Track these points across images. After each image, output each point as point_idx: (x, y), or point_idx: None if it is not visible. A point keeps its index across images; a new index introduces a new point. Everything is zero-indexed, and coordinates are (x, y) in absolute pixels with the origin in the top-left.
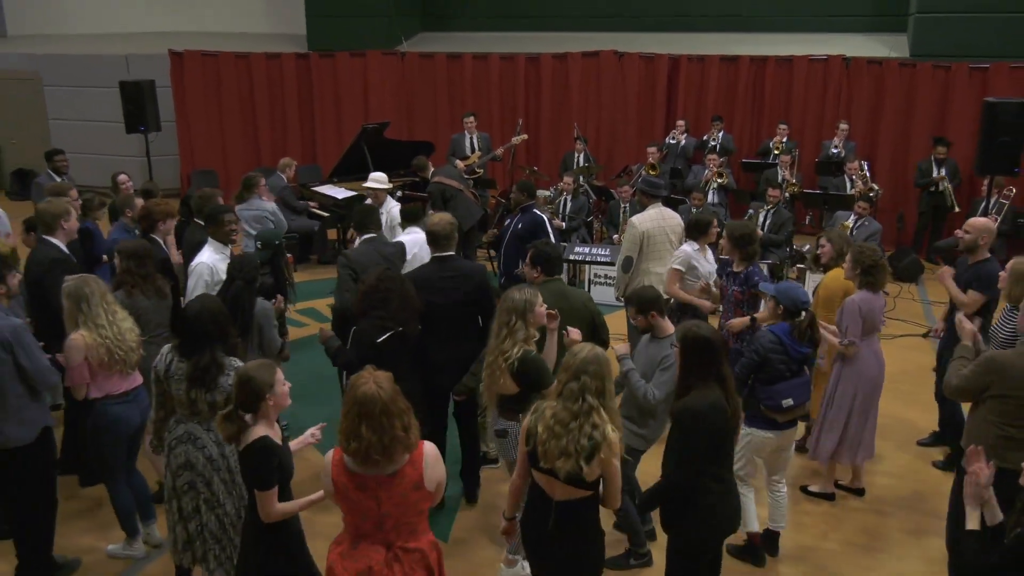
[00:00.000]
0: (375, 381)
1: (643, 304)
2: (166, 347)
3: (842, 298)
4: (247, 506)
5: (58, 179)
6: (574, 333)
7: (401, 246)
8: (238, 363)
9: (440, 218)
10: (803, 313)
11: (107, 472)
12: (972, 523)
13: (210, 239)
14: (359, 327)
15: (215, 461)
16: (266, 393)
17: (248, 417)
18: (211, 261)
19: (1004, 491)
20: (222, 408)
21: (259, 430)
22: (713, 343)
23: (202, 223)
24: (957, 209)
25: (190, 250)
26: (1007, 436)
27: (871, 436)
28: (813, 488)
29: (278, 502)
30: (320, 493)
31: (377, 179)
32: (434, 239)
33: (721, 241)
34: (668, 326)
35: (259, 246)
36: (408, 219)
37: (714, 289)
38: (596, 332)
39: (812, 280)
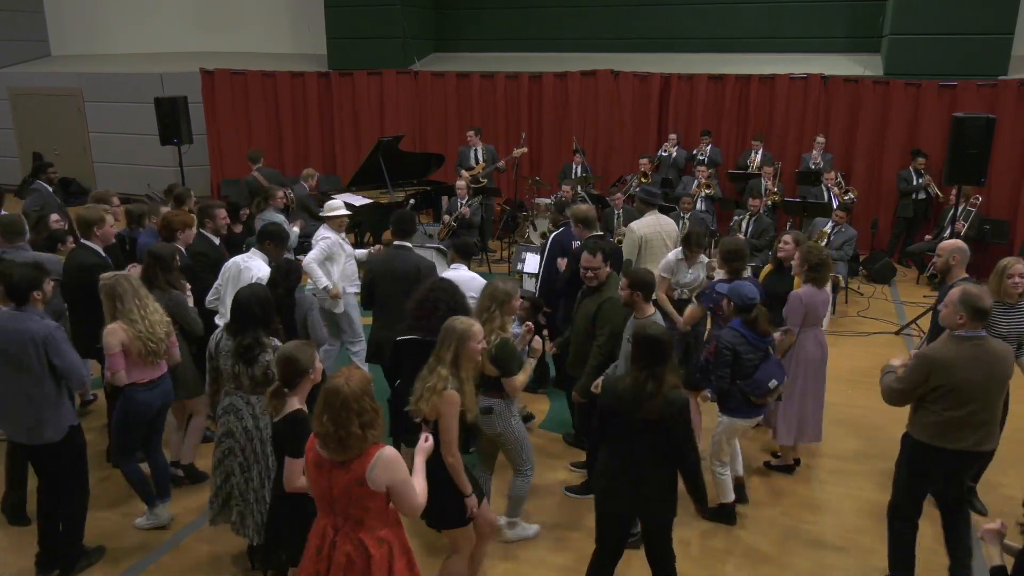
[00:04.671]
0: (346, 377)
1: (634, 281)
2: (219, 328)
3: None
4: (275, 478)
5: None
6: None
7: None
8: (277, 343)
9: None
10: (753, 309)
11: (122, 450)
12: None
13: (261, 251)
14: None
15: (250, 432)
16: (308, 371)
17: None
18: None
19: (945, 469)
20: (260, 381)
21: (295, 403)
22: (652, 341)
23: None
24: (941, 198)
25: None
26: (945, 420)
27: (817, 420)
28: (774, 463)
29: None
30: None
31: (332, 207)
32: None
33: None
34: (648, 309)
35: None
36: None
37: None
38: None
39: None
